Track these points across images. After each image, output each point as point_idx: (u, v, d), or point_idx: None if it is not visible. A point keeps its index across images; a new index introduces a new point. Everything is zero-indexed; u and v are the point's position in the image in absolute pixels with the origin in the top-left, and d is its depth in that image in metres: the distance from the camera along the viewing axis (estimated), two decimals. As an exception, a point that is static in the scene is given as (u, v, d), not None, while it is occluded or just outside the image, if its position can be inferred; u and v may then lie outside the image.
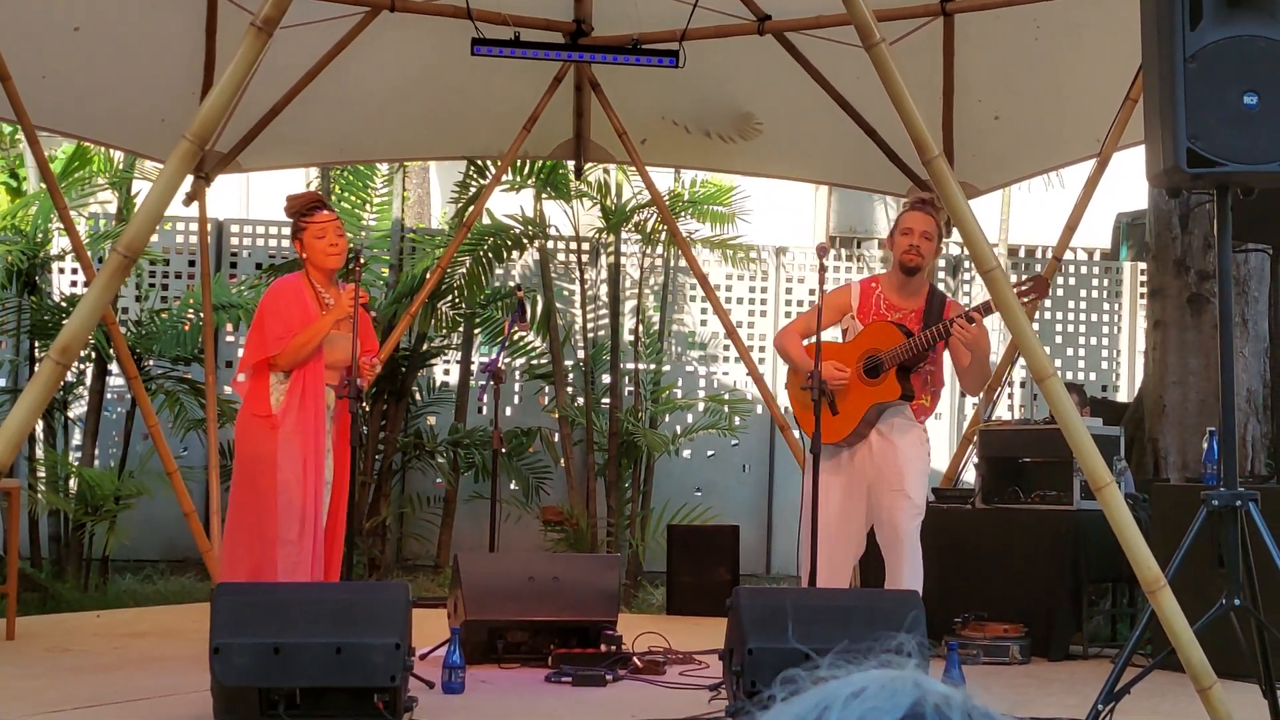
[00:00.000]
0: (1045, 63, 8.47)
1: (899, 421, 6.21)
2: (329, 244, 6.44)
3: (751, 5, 8.50)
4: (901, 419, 6.22)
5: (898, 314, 6.28)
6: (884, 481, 6.15)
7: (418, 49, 8.81)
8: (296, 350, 6.28)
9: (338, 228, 6.53)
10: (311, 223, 6.45)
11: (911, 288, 6.30)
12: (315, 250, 6.44)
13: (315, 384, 6.32)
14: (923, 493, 6.31)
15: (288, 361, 6.29)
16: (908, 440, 6.21)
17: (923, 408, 6.27)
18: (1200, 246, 9.21)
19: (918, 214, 6.31)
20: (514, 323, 8.16)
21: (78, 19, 8.09)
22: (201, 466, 9.63)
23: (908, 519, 6.17)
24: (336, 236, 6.48)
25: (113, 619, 8.29)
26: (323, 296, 6.44)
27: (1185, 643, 4.77)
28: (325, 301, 6.43)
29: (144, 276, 10.85)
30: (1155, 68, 4.80)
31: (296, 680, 4.94)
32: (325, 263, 6.46)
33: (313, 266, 6.46)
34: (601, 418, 10.80)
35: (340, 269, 6.49)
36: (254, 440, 6.28)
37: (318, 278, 6.47)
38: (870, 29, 5.07)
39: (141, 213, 4.84)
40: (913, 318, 6.25)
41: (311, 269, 6.47)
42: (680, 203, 10.92)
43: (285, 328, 6.30)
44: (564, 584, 6.74)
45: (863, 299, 6.36)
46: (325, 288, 6.48)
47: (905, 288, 6.30)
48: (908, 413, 6.23)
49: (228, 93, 4.75)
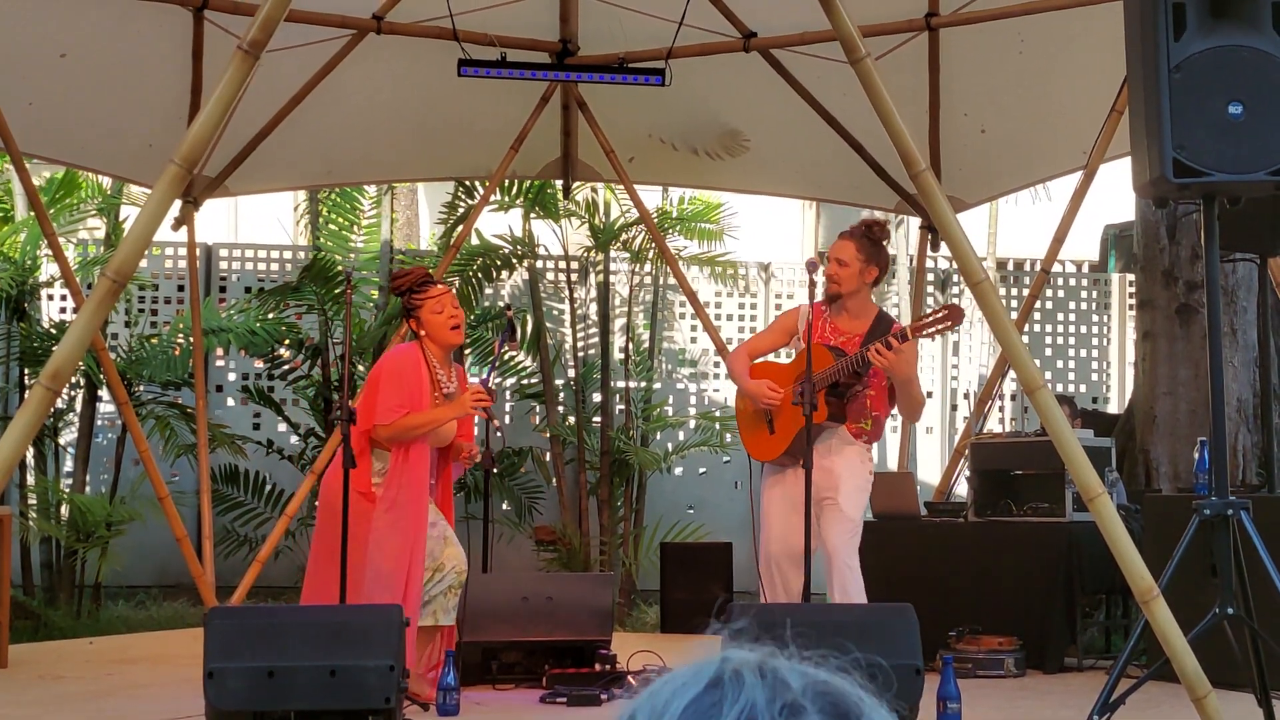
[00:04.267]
0: (1031, 76, 8.50)
1: (835, 442, 6.19)
2: (449, 317, 6.22)
3: (737, 23, 8.52)
4: (838, 440, 6.20)
5: (842, 337, 6.28)
6: (819, 496, 6.11)
7: (404, 71, 8.83)
8: (407, 430, 6.03)
9: (454, 300, 6.33)
10: (427, 298, 6.21)
11: (855, 311, 6.27)
12: (436, 325, 6.20)
13: (420, 464, 6.07)
14: (858, 508, 6.21)
15: (391, 435, 6.02)
16: (844, 458, 6.18)
17: (861, 430, 6.24)
18: (1188, 257, 9.23)
19: (838, 241, 6.40)
20: (504, 343, 8.12)
21: (64, 46, 8.09)
22: (193, 491, 9.61)
23: (838, 534, 6.11)
24: (454, 309, 6.27)
25: (106, 645, 8.26)
26: (438, 374, 6.21)
27: (1179, 652, 4.78)
28: (439, 378, 6.22)
29: (133, 302, 10.84)
30: (1140, 79, 4.82)
31: (291, 703, 4.93)
32: (449, 338, 6.25)
33: (433, 342, 6.21)
34: (593, 436, 10.80)
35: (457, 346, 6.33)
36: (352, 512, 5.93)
37: (436, 353, 6.22)
38: (855, 44, 5.08)
39: (130, 237, 4.84)
40: (855, 341, 6.24)
41: (430, 345, 6.21)
42: (669, 220, 10.93)
43: (400, 401, 6.05)
44: (558, 604, 6.73)
45: (812, 320, 6.38)
46: (442, 364, 6.25)
47: (849, 312, 6.30)
48: (844, 434, 6.21)
49: (215, 117, 4.75)
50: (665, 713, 1.02)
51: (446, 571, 6.17)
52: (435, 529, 6.19)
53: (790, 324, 6.42)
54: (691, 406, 11.58)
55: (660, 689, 1.05)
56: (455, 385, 6.33)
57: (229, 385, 11.02)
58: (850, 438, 6.21)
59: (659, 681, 1.06)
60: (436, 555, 6.16)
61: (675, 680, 1.05)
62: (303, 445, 10.47)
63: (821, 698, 1.03)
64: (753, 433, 6.38)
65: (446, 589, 6.18)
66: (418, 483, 6.06)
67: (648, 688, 1.06)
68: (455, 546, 6.26)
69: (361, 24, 8.37)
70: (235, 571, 9.20)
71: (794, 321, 6.40)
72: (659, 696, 1.04)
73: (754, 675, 1.03)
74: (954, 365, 12.11)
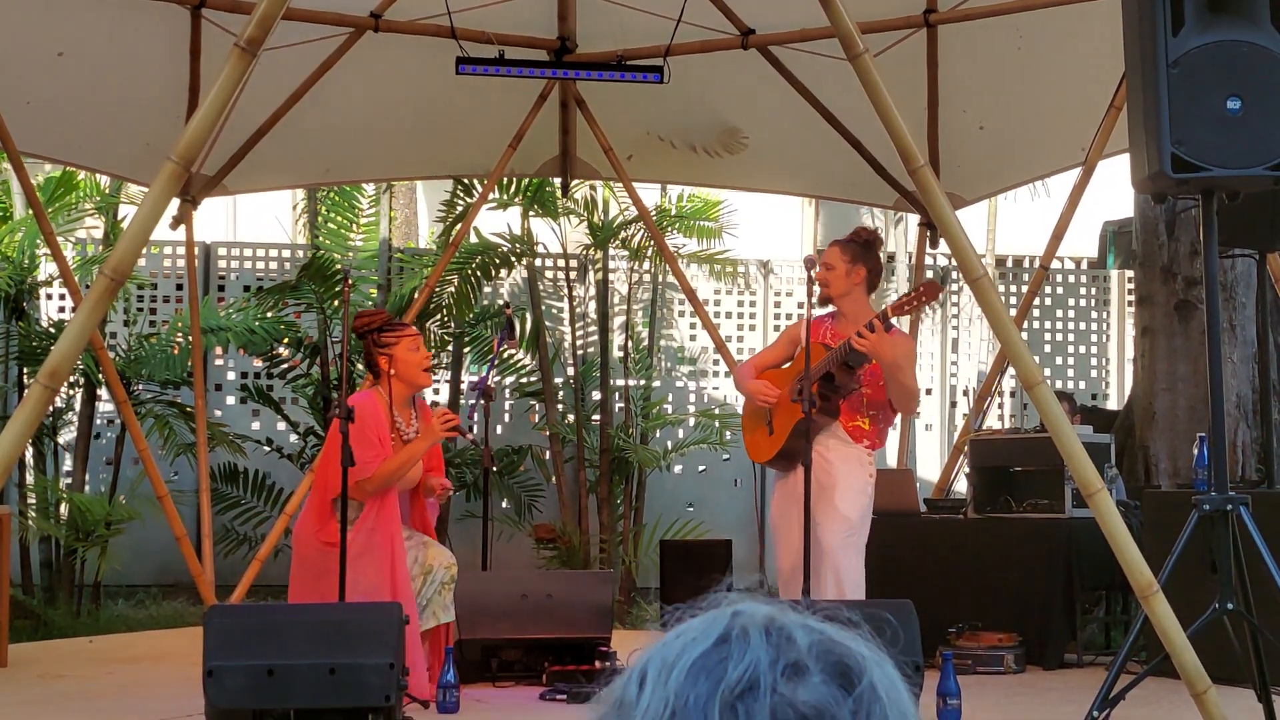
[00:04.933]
0: (1029, 72, 8.50)
1: (834, 442, 6.18)
2: (424, 357, 6.20)
3: (735, 20, 8.51)
4: (837, 440, 6.19)
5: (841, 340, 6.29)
6: (816, 495, 6.11)
7: (402, 69, 8.82)
8: (389, 477, 5.97)
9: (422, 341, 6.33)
10: (404, 335, 6.16)
11: (854, 316, 6.27)
12: (410, 365, 6.12)
13: (391, 508, 6.01)
14: (855, 509, 6.15)
15: (376, 487, 5.96)
16: (842, 457, 6.16)
17: (859, 429, 6.21)
18: (1187, 253, 9.22)
19: (827, 248, 6.48)
20: (503, 341, 8.14)
21: (62, 45, 8.09)
22: (192, 490, 9.60)
23: (832, 532, 6.08)
24: (425, 350, 6.25)
25: (105, 644, 8.26)
26: (397, 421, 6.13)
27: (1179, 648, 4.78)
28: (398, 424, 6.15)
29: (132, 301, 10.84)
30: (1138, 74, 4.82)
31: (291, 702, 4.93)
32: (420, 379, 6.22)
33: (401, 383, 6.12)
34: (592, 434, 10.80)
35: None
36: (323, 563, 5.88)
37: (398, 396, 6.12)
38: (854, 40, 5.08)
39: (128, 235, 4.84)
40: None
41: (397, 385, 6.11)
42: (667, 218, 10.93)
43: (374, 453, 5.96)
44: (557, 601, 6.73)
45: (813, 328, 6.42)
46: (401, 407, 6.17)
47: (847, 317, 6.32)
48: (842, 433, 6.20)
49: (212, 115, 4.75)
50: (675, 666, 1.04)
51: (436, 570, 6.17)
52: (413, 539, 6.20)
53: (795, 335, 6.45)
54: (691, 404, 11.58)
55: (673, 641, 1.06)
56: (416, 428, 6.26)
57: (228, 384, 11.02)
58: (849, 439, 6.19)
59: (672, 633, 1.08)
60: (423, 560, 6.16)
61: (688, 633, 1.06)
62: (302, 444, 10.47)
63: (825, 657, 1.04)
64: (753, 433, 6.43)
65: (440, 587, 6.18)
66: (387, 524, 6.00)
67: (660, 639, 1.08)
68: (437, 547, 6.27)
69: (359, 22, 8.37)
70: (235, 570, 9.20)
71: (799, 332, 6.41)
72: (671, 648, 1.05)
73: (760, 634, 1.04)
74: (953, 362, 12.11)
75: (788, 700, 1.01)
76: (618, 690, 1.07)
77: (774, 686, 1.01)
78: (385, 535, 5.98)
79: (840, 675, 1.03)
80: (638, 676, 1.05)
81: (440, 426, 6.07)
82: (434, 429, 6.07)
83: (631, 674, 1.06)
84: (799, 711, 1.01)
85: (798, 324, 6.57)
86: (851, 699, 1.02)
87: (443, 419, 6.09)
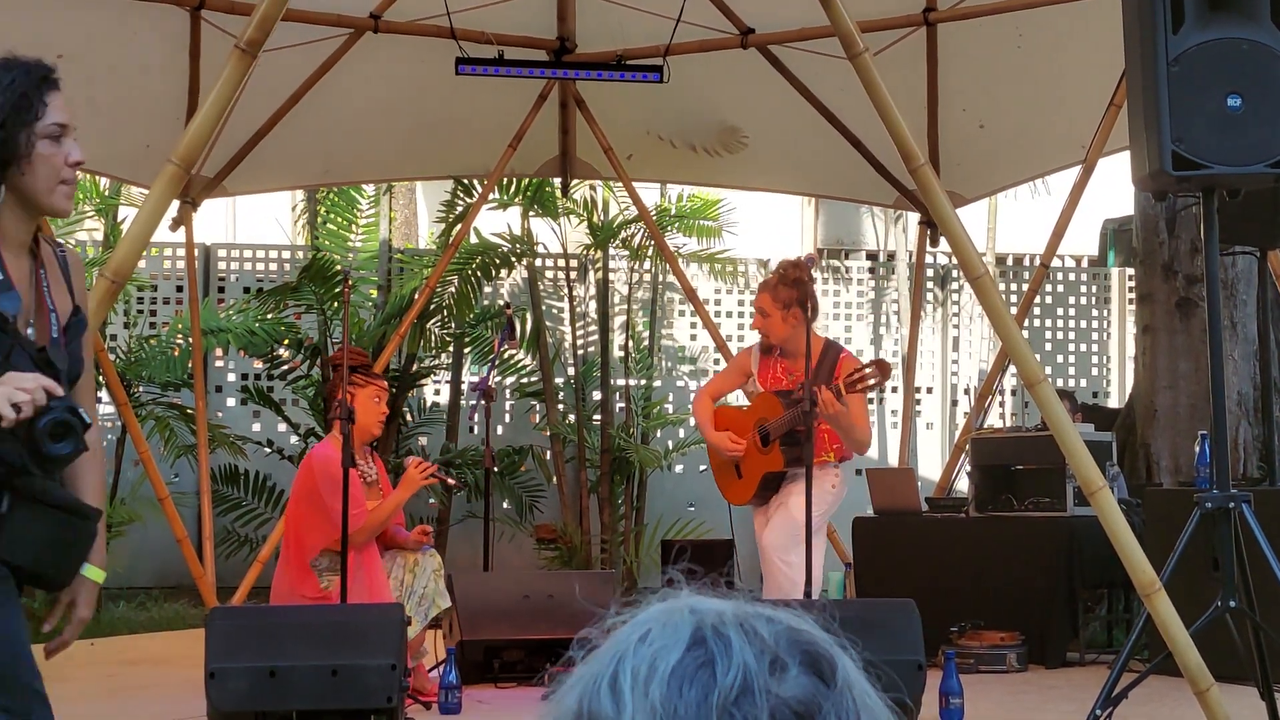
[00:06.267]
0: (1029, 70, 8.49)
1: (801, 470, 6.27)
2: (383, 410, 6.24)
3: (735, 19, 8.51)
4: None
5: (794, 375, 6.39)
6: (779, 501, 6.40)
7: (402, 69, 8.82)
8: (376, 525, 6.01)
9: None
10: (372, 383, 6.18)
11: (799, 350, 6.30)
12: (370, 414, 6.13)
13: (372, 560, 6.01)
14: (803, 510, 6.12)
15: (366, 537, 5.96)
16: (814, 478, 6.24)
17: (826, 463, 6.38)
18: (1187, 251, 9.22)
19: (758, 294, 6.57)
20: (503, 341, 8.14)
21: (61, 47, 8.05)
22: (193, 492, 9.60)
23: (774, 530, 6.32)
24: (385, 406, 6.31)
25: (107, 647, 8.25)
26: (359, 463, 6.09)
27: (1182, 646, 4.77)
28: (363, 472, 6.18)
29: (132, 303, 10.83)
30: (1138, 72, 4.82)
31: (293, 703, 4.93)
32: (375, 429, 6.26)
33: (358, 429, 6.03)
34: (593, 434, 10.79)
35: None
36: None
37: (355, 440, 5.99)
38: (854, 39, 5.08)
39: (128, 237, 4.84)
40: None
41: (357, 431, 6.00)
42: (667, 218, 10.93)
43: (353, 500, 5.87)
44: (559, 602, 6.72)
45: (762, 361, 6.60)
46: (360, 454, 6.15)
47: (796, 354, 6.38)
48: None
49: (212, 116, 4.75)
50: (653, 676, 1.00)
51: (424, 561, 6.22)
52: (388, 555, 6.23)
53: (744, 364, 6.68)
54: (691, 404, 11.56)
55: (637, 647, 1.02)
56: (375, 471, 6.37)
57: (228, 385, 11.02)
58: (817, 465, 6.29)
59: (625, 636, 1.03)
60: (406, 562, 6.19)
61: (650, 638, 1.03)
62: (303, 445, 10.46)
63: (795, 647, 1.03)
64: (725, 478, 6.69)
65: (431, 575, 6.20)
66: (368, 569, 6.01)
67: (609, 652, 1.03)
68: (414, 553, 6.29)
69: (359, 23, 8.36)
70: (236, 572, 9.20)
71: (747, 362, 6.67)
72: (640, 656, 1.02)
73: (739, 634, 1.02)
74: (954, 361, 12.10)
75: (782, 700, 1.00)
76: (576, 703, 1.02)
77: (766, 687, 1.00)
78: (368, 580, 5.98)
79: (813, 665, 1.02)
80: (606, 688, 1.02)
81: (419, 475, 6.13)
82: (413, 477, 6.14)
83: (597, 684, 1.02)
84: (792, 710, 1.00)
85: (744, 353, 6.82)
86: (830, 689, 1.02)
87: (421, 469, 6.15)
